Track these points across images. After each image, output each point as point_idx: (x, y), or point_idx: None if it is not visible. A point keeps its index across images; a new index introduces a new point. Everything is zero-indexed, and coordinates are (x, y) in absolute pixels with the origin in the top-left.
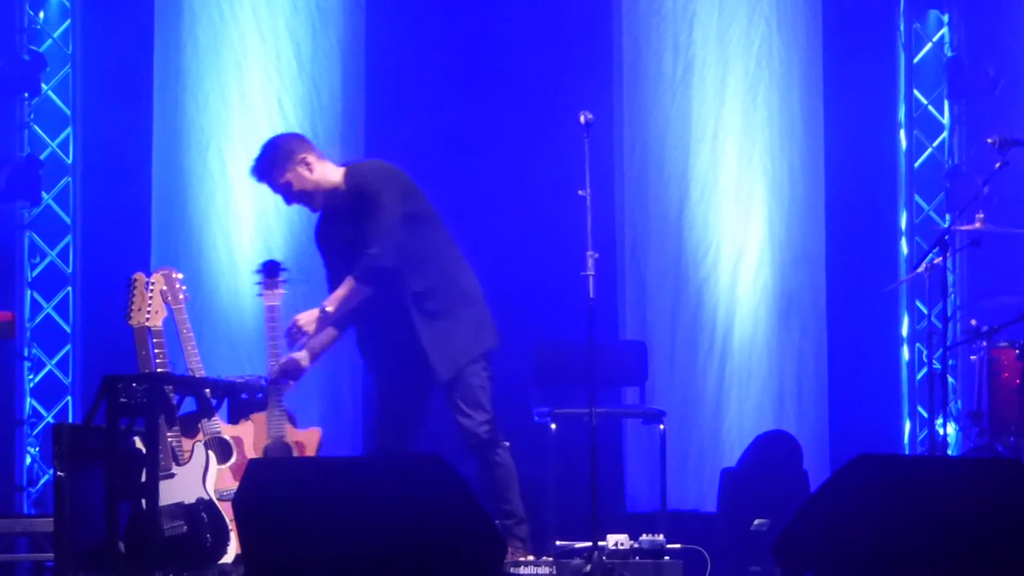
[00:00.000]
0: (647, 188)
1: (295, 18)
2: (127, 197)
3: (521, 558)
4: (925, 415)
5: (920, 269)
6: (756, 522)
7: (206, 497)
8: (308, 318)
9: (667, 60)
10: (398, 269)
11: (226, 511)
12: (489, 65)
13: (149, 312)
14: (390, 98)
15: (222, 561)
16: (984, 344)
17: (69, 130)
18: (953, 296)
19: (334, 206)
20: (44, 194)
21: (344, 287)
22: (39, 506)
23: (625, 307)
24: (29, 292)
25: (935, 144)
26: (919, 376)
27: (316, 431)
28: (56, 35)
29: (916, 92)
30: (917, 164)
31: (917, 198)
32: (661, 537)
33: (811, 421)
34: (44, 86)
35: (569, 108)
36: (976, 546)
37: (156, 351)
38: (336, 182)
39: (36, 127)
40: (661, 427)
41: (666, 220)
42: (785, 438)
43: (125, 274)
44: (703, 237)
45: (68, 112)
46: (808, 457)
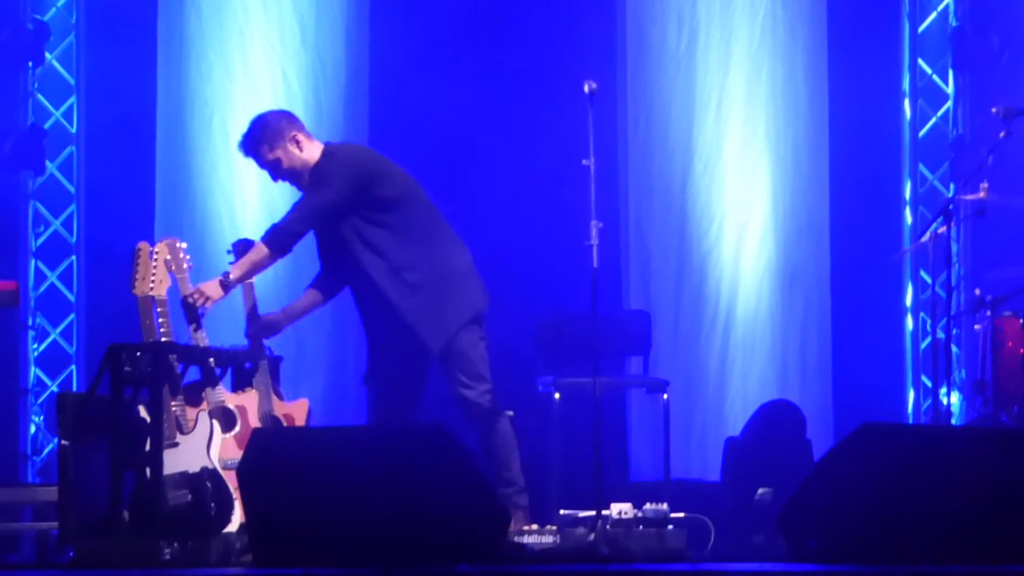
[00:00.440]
0: (651, 159)
1: None
2: (131, 166)
3: (523, 527)
4: (929, 385)
5: (924, 239)
6: (760, 491)
7: (210, 466)
8: (209, 286)
9: (671, 31)
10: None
11: (230, 480)
12: (494, 35)
13: (153, 281)
14: (394, 68)
15: (226, 530)
16: (988, 314)
17: (73, 99)
18: (957, 266)
19: None
20: (48, 163)
21: (247, 254)
22: (43, 475)
23: (629, 277)
24: (33, 261)
25: (939, 114)
26: (923, 346)
27: (303, 402)
28: (60, 4)
29: (921, 62)
30: (921, 134)
31: (921, 168)
32: (665, 506)
33: (815, 391)
34: (48, 55)
35: (573, 78)
36: (979, 515)
37: (160, 320)
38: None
39: (40, 96)
40: (665, 397)
41: (670, 191)
42: (789, 407)
43: (129, 243)
44: (707, 208)
45: (72, 81)
46: (812, 427)
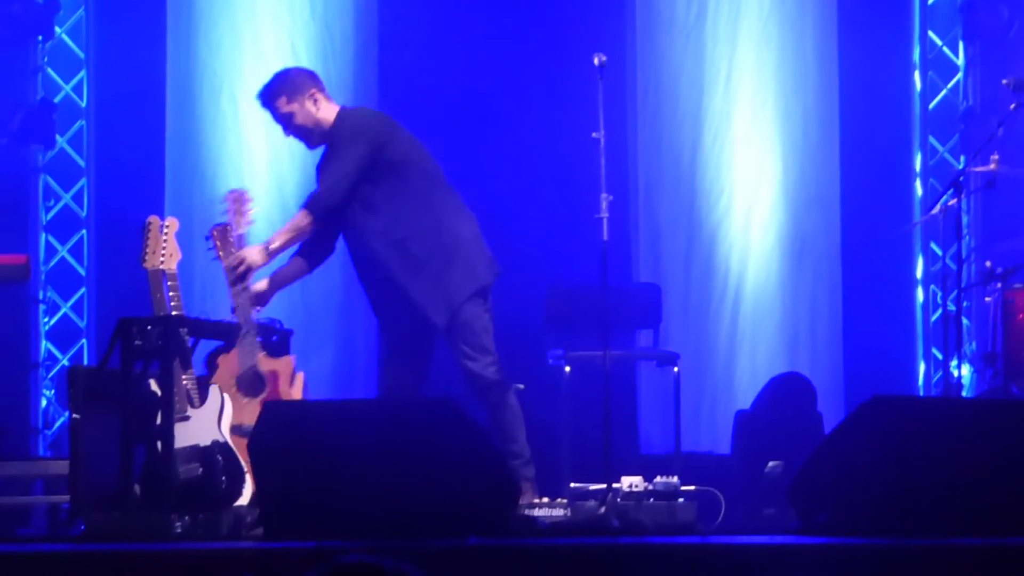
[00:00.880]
0: (661, 131)
1: None
2: (141, 140)
3: (532, 499)
4: (939, 357)
5: (935, 211)
6: (770, 464)
7: (221, 440)
8: (252, 251)
9: (680, 3)
10: (357, 217)
11: (243, 452)
12: (503, 7)
13: (164, 255)
14: (403, 41)
15: (237, 503)
16: (999, 286)
17: (83, 73)
18: (968, 238)
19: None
20: (58, 137)
21: (289, 222)
22: (55, 449)
23: (639, 249)
24: (44, 235)
25: (950, 86)
26: (933, 318)
27: (289, 358)
28: None
29: (931, 33)
30: (932, 106)
31: (932, 140)
32: (675, 479)
33: (825, 363)
34: (58, 29)
35: (583, 50)
36: (989, 487)
37: (171, 294)
38: (332, 122)
39: (50, 70)
40: (675, 369)
41: (679, 163)
42: (799, 380)
43: (139, 217)
44: (716, 180)
45: (82, 55)
46: (822, 399)
